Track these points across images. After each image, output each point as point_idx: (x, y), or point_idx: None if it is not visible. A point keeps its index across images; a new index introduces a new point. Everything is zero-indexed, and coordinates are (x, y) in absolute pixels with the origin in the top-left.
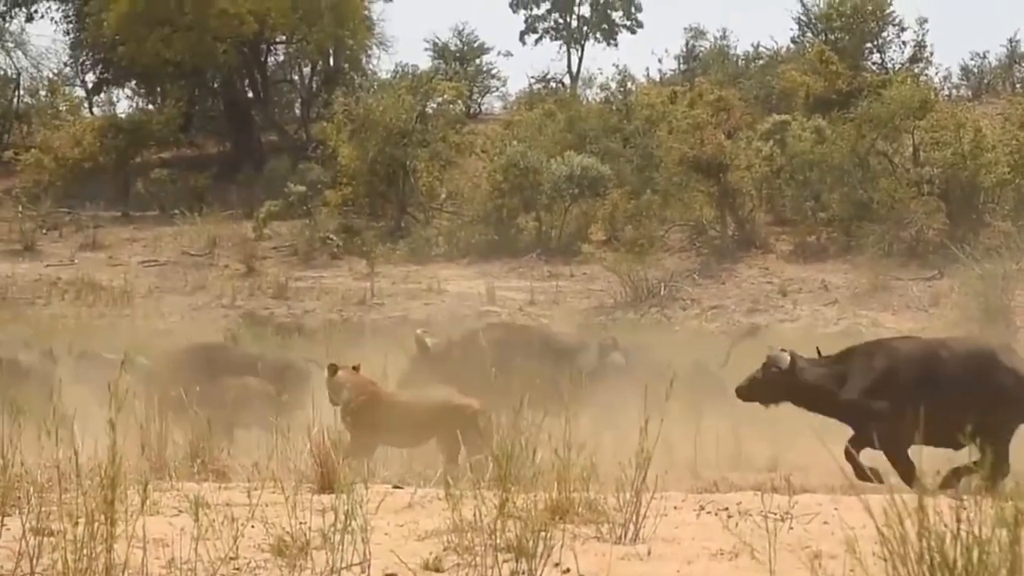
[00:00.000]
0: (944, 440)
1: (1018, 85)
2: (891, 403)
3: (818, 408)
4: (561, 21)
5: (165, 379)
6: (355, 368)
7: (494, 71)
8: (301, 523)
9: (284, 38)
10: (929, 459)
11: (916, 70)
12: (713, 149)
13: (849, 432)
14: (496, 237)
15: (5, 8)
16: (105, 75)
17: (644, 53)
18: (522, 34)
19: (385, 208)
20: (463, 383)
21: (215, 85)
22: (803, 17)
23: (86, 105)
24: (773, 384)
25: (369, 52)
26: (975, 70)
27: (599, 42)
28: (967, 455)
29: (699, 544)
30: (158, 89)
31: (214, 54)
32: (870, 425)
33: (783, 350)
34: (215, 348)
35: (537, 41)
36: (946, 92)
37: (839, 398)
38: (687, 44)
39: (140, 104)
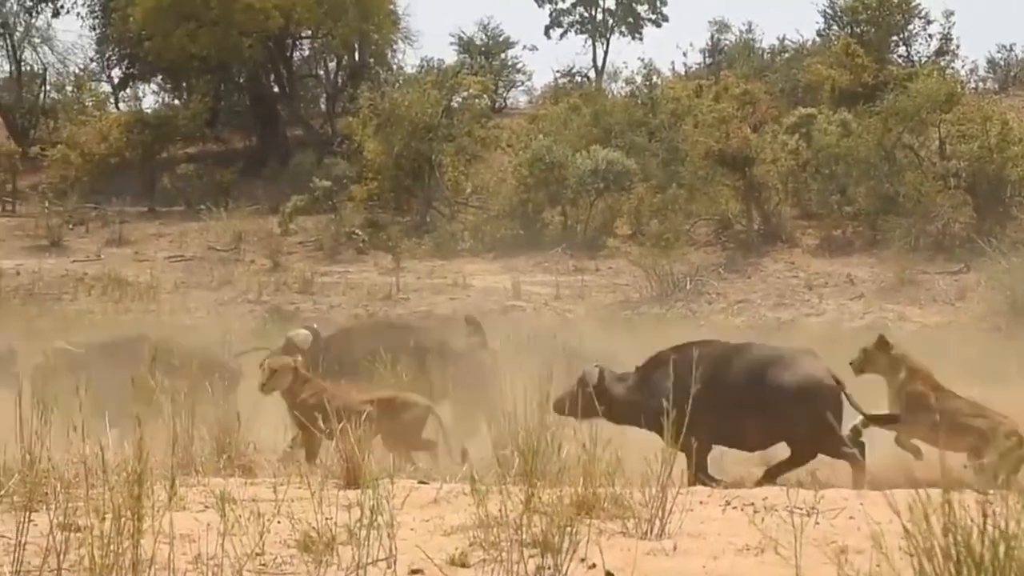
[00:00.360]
0: (739, 442)
1: None
2: (681, 406)
3: (630, 421)
4: (586, 15)
5: (87, 369)
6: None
7: (519, 65)
8: (327, 519)
9: (309, 33)
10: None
11: (942, 63)
12: (739, 143)
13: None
14: (521, 232)
15: (32, 3)
16: (131, 70)
17: (669, 47)
18: (547, 28)
19: (411, 203)
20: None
21: (241, 80)
22: (829, 10)
23: (112, 100)
24: (586, 399)
25: (394, 46)
26: (1001, 63)
27: (624, 36)
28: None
29: (725, 539)
30: (184, 84)
31: (240, 49)
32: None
33: (596, 366)
34: (133, 341)
35: (562, 35)
36: (972, 85)
37: (643, 407)
38: (712, 38)
39: (166, 99)
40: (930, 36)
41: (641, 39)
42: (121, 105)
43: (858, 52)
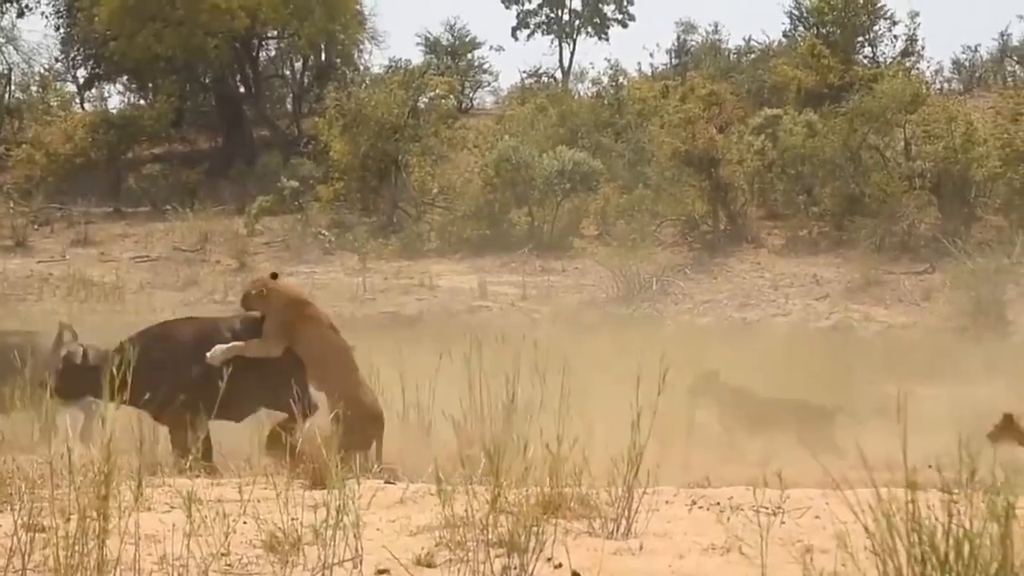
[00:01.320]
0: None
1: (1009, 79)
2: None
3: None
4: (552, 15)
5: None
6: None
7: (486, 66)
8: (293, 519)
9: (275, 33)
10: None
11: (907, 64)
12: (705, 143)
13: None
14: (488, 232)
15: None
16: (96, 70)
17: (635, 47)
18: (514, 29)
19: (377, 203)
20: None
21: (206, 80)
22: (795, 11)
23: (77, 100)
24: (71, 378)
25: (361, 47)
26: (966, 64)
27: (590, 36)
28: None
29: (691, 539)
30: (149, 84)
31: (205, 49)
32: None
33: (79, 345)
34: None
35: (529, 36)
36: (937, 86)
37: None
38: (678, 38)
39: (131, 99)
40: (895, 37)
41: (607, 40)
42: (86, 105)
43: (824, 53)
